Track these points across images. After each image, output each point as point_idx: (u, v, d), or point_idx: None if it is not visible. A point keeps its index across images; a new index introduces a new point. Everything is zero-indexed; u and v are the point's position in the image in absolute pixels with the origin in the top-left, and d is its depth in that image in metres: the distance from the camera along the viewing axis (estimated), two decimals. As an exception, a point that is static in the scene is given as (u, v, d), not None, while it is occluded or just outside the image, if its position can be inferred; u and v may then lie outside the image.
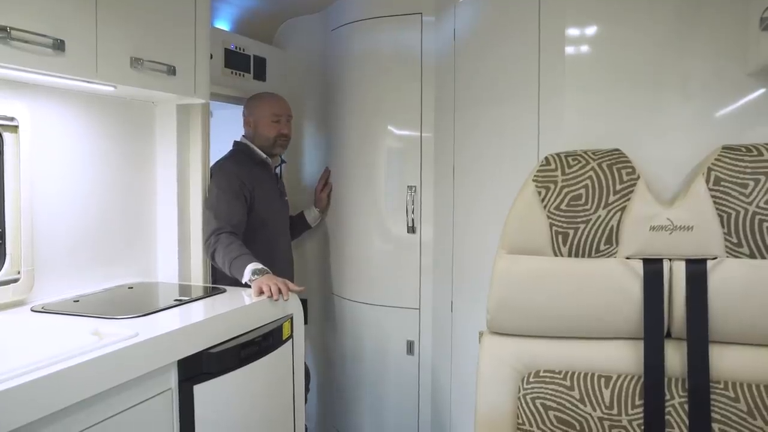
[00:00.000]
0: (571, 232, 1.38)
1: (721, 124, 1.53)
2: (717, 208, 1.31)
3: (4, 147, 1.65)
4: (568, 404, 1.38)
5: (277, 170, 2.65)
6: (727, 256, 1.32)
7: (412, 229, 2.48)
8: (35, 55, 1.47)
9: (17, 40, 1.42)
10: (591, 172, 1.38)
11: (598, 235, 1.37)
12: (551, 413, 1.38)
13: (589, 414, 1.36)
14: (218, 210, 2.22)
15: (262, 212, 2.38)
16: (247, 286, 2.01)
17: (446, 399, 2.36)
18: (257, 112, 2.50)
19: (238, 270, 2.05)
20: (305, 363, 2.66)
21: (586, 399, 1.37)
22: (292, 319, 1.96)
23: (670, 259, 1.35)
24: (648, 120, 1.58)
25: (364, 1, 2.56)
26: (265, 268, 2.04)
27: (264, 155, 2.48)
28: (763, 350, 1.34)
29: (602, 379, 1.38)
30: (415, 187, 2.46)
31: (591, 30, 1.68)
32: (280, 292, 1.93)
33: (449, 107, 2.24)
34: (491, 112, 2.01)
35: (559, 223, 1.39)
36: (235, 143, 2.52)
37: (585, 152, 1.41)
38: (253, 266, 2.02)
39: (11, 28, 1.40)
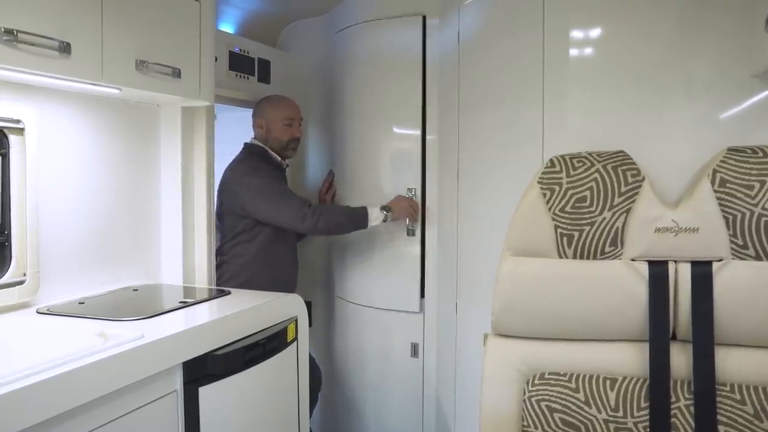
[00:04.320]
0: (576, 234, 1.38)
1: (725, 126, 1.53)
2: (722, 210, 1.31)
3: (10, 149, 1.65)
4: (573, 406, 1.37)
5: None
6: (733, 258, 1.32)
7: (412, 232, 2.47)
8: (41, 57, 1.47)
9: (24, 43, 1.42)
10: (596, 174, 1.37)
11: (603, 236, 1.37)
12: (556, 415, 1.38)
13: (595, 416, 1.36)
14: (288, 195, 2.35)
15: None
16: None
17: (450, 402, 2.35)
18: (269, 116, 2.51)
19: (362, 219, 2.27)
20: (318, 367, 2.67)
21: (591, 401, 1.37)
22: (296, 321, 1.96)
23: (675, 261, 1.34)
24: (652, 122, 1.58)
25: (367, 3, 2.57)
26: (384, 205, 2.30)
27: (279, 158, 2.50)
28: (769, 352, 1.34)
29: (607, 382, 1.37)
30: (414, 189, 2.46)
31: (595, 32, 1.68)
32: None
33: (453, 109, 2.24)
34: (495, 113, 2.01)
35: (564, 225, 1.38)
36: (248, 145, 2.53)
37: (590, 154, 1.41)
38: (375, 210, 2.28)
39: (18, 31, 1.40)
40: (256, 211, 2.36)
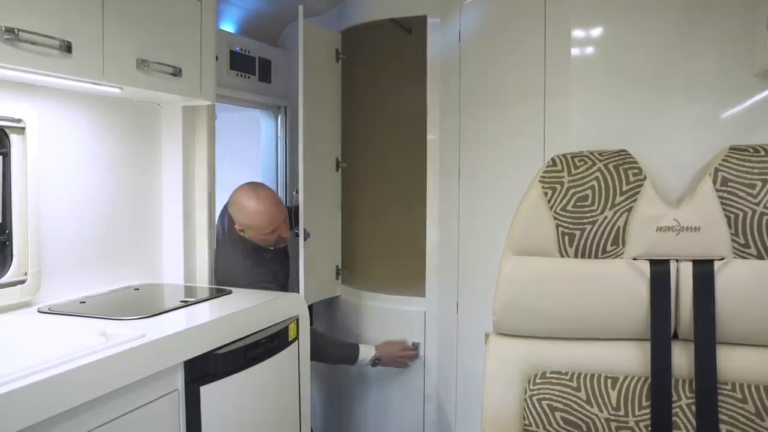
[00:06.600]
0: (578, 233, 1.38)
1: (727, 125, 1.53)
2: (724, 209, 1.31)
3: (11, 148, 1.65)
4: (574, 405, 1.37)
5: None
6: (734, 257, 1.31)
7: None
8: (42, 56, 1.47)
9: (25, 42, 1.42)
10: (597, 173, 1.37)
11: (605, 235, 1.37)
12: (558, 414, 1.38)
13: (596, 415, 1.36)
14: None
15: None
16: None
17: (452, 400, 2.35)
18: (248, 225, 2.24)
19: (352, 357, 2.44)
20: None
21: (592, 400, 1.37)
22: (297, 320, 1.96)
23: (677, 260, 1.34)
24: (654, 121, 1.58)
25: (369, 3, 2.56)
26: (372, 350, 2.44)
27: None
28: (770, 351, 1.33)
29: (609, 380, 1.37)
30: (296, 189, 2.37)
31: (597, 31, 1.68)
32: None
33: (454, 109, 2.24)
34: (497, 113, 2.00)
35: (566, 224, 1.38)
36: (231, 230, 2.30)
37: (591, 153, 1.41)
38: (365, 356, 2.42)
39: (19, 30, 1.40)
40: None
